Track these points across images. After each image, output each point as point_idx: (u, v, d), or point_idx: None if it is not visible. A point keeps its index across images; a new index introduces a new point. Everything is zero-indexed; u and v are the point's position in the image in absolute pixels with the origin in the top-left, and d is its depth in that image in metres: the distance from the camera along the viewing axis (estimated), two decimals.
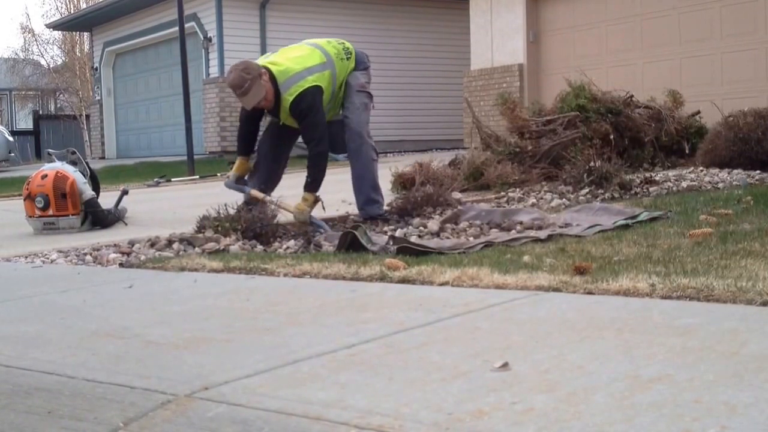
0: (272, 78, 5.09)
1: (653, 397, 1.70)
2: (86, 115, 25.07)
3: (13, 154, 18.94)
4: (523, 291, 2.90)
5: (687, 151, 8.16)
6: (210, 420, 1.80)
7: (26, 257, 4.68)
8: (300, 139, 5.56)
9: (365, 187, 5.39)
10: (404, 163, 7.90)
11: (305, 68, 5.14)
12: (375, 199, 5.41)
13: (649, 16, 10.82)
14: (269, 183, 5.49)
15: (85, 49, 26.53)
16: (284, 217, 5.14)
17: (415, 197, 5.53)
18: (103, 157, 20.20)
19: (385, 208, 5.49)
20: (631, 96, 8.38)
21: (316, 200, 5.17)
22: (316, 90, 5.11)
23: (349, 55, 5.38)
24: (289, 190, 5.57)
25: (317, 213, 5.22)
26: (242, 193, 5.34)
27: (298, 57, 5.23)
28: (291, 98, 5.07)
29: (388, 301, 2.92)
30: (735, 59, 9.96)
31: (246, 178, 5.54)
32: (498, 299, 2.79)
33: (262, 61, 5.26)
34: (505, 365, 1.96)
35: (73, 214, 5.77)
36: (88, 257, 4.61)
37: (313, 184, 5.16)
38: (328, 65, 5.24)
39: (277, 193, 5.45)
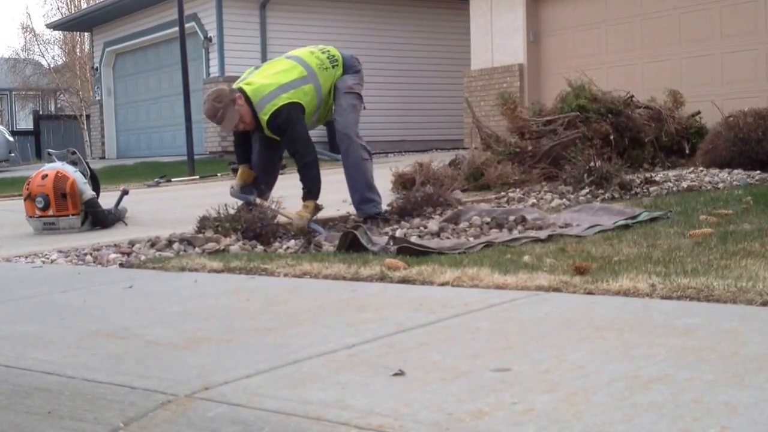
0: (248, 99, 5.17)
1: (653, 397, 1.70)
2: (86, 115, 25.06)
3: (13, 154, 18.93)
4: (524, 291, 2.90)
5: (687, 151, 8.16)
6: (210, 420, 1.80)
7: (26, 257, 4.68)
8: None
9: (359, 186, 5.41)
10: (404, 163, 7.89)
11: (279, 86, 5.18)
12: (370, 198, 5.42)
13: (650, 16, 10.82)
14: (266, 183, 5.52)
15: (86, 49, 26.53)
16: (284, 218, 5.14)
17: (415, 197, 5.53)
18: (103, 157, 20.20)
19: (385, 207, 5.49)
20: (632, 96, 8.38)
21: (317, 208, 5.23)
22: (291, 106, 5.16)
23: (335, 63, 5.38)
24: (290, 190, 5.57)
25: (320, 213, 5.22)
26: (248, 202, 5.33)
27: (275, 74, 5.28)
28: (266, 117, 5.16)
29: (388, 301, 2.92)
30: (735, 59, 9.96)
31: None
32: (498, 299, 2.79)
33: (238, 83, 5.34)
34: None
35: (73, 214, 5.77)
36: (89, 257, 4.61)
37: (310, 194, 5.23)
38: (309, 79, 5.26)
39: (277, 193, 5.46)
